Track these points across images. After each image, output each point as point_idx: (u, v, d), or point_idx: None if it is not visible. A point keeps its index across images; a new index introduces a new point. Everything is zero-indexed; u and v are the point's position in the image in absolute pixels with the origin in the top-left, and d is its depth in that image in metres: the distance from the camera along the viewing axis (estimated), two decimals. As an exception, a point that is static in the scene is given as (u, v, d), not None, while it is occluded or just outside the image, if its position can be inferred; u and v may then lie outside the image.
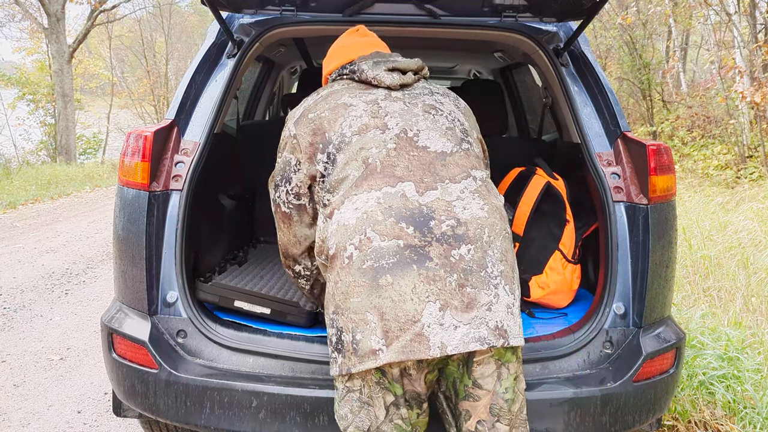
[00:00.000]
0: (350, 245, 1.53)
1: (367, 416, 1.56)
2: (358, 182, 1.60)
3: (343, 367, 1.53)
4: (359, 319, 1.49)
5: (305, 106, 1.81)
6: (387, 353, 1.45)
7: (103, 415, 3.09)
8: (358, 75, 1.81)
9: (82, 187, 11.78)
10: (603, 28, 14.27)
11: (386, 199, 1.55)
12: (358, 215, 1.55)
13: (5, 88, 18.61)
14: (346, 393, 1.58)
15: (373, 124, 1.67)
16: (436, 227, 1.52)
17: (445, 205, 1.55)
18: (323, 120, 1.72)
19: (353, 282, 1.50)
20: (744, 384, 2.97)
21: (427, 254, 1.49)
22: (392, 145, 1.63)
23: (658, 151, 2.16)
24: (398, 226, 1.51)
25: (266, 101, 4.93)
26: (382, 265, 1.48)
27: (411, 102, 1.74)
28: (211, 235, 2.81)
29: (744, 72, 9.39)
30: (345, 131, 1.67)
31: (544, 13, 2.55)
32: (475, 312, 1.48)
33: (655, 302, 2.17)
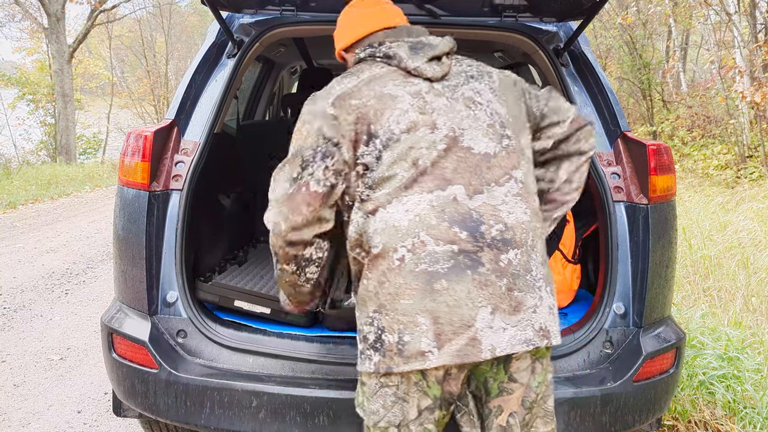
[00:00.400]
0: (402, 247, 1.51)
1: (401, 411, 1.57)
2: (408, 183, 1.55)
3: (382, 365, 1.53)
4: (408, 321, 1.49)
5: (344, 89, 1.66)
6: (439, 356, 1.48)
7: (103, 415, 3.09)
8: (396, 63, 1.68)
9: (82, 187, 11.78)
10: (603, 28, 14.27)
11: (439, 203, 1.53)
12: (410, 217, 1.52)
13: (5, 88, 18.61)
14: (379, 388, 1.58)
15: (422, 121, 1.60)
16: (486, 232, 1.53)
17: (492, 210, 1.56)
18: (369, 110, 1.61)
19: (404, 284, 1.50)
20: (744, 384, 2.97)
21: (479, 259, 1.51)
22: (442, 146, 1.58)
23: (658, 150, 2.16)
24: (452, 231, 1.51)
25: (266, 101, 4.93)
26: (437, 269, 1.49)
27: (452, 97, 1.67)
28: (211, 235, 2.81)
29: (744, 72, 9.39)
30: (393, 127, 1.59)
31: (544, 13, 2.55)
32: (522, 314, 1.53)
33: (655, 302, 2.17)
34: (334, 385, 1.99)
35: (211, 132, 2.30)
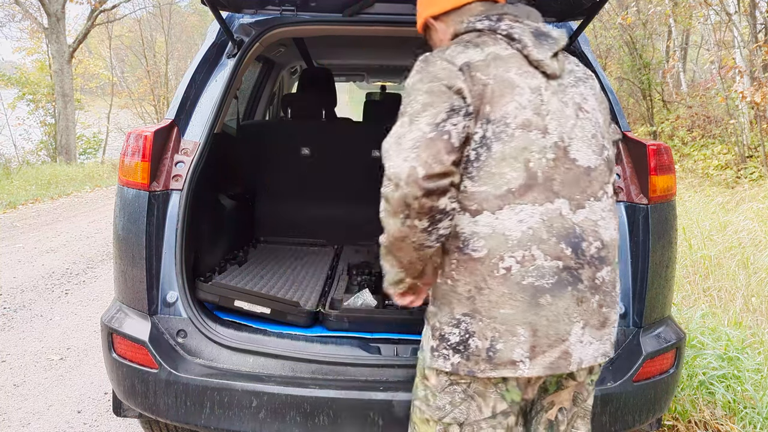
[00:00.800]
0: (510, 257, 1.47)
1: (468, 409, 1.56)
2: (521, 191, 1.47)
3: (462, 367, 1.51)
4: (505, 330, 1.47)
5: (470, 58, 1.52)
6: (531, 366, 1.48)
7: (103, 415, 3.09)
8: (519, 47, 1.56)
9: (82, 187, 11.78)
10: (603, 28, 14.27)
11: (548, 216, 1.49)
12: (523, 229, 1.47)
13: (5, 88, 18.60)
14: (448, 384, 1.57)
15: (535, 123, 1.51)
16: (587, 249, 1.52)
17: (592, 225, 1.54)
18: (488, 89, 1.49)
19: (509, 294, 1.47)
20: (744, 384, 2.97)
21: (579, 276, 1.51)
22: (551, 155, 1.51)
23: (658, 150, 2.16)
24: (559, 247, 1.49)
25: (266, 101, 4.93)
26: (542, 284, 1.47)
27: (563, 99, 1.58)
28: (211, 235, 2.81)
29: (744, 72, 9.38)
30: (508, 119, 1.49)
31: (544, 13, 2.53)
32: (606, 330, 1.57)
33: (655, 302, 2.17)
34: (334, 385, 1.99)
35: (211, 132, 2.30)
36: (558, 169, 1.51)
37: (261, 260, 3.22)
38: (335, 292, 2.66)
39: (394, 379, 2.02)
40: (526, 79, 1.54)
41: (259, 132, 3.92)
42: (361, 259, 3.25)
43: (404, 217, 1.44)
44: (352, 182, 3.72)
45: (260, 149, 3.71)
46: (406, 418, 1.91)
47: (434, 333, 1.56)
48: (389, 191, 1.43)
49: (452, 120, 1.44)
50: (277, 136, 3.79)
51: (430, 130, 1.42)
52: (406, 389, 1.95)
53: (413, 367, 2.06)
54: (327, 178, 3.74)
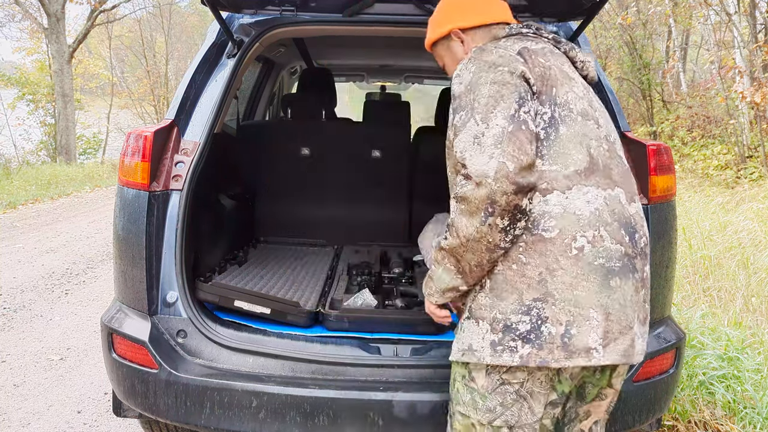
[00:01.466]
0: (581, 237, 1.45)
1: (520, 410, 1.51)
2: (586, 173, 1.49)
3: (533, 358, 1.42)
4: (579, 314, 1.43)
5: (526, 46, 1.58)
6: (604, 354, 1.44)
7: (103, 415, 3.09)
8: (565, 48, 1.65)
9: (82, 187, 11.78)
10: (603, 28, 14.27)
11: (611, 202, 1.51)
12: (591, 209, 1.47)
13: (5, 88, 18.59)
14: (499, 384, 1.50)
15: (590, 114, 1.57)
16: (639, 240, 1.54)
17: (641, 220, 1.57)
18: (553, 73, 1.55)
19: (581, 275, 1.44)
20: (744, 384, 2.97)
21: (635, 265, 1.51)
22: (606, 147, 1.56)
23: (658, 151, 2.16)
24: (620, 233, 1.49)
25: (266, 101, 4.93)
26: (612, 266, 1.46)
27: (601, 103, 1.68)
28: (211, 235, 2.81)
29: (744, 72, 9.38)
30: (571, 105, 1.54)
31: (544, 13, 2.55)
32: (646, 326, 1.57)
33: (655, 302, 2.16)
34: (334, 385, 1.99)
35: (211, 132, 2.30)
36: (613, 160, 1.56)
37: (261, 260, 3.22)
38: (335, 292, 2.66)
39: (394, 379, 2.02)
40: (576, 75, 1.64)
41: (259, 132, 3.92)
42: (361, 259, 3.25)
43: (486, 216, 1.43)
44: (352, 182, 3.72)
45: (260, 149, 3.71)
46: (405, 418, 1.91)
47: (495, 326, 1.47)
48: (469, 190, 1.42)
49: (524, 108, 1.47)
50: (277, 136, 3.79)
51: (508, 124, 1.44)
52: (406, 389, 1.95)
53: (413, 367, 2.06)
54: (327, 178, 3.74)
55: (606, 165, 1.53)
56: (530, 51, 1.58)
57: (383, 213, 3.77)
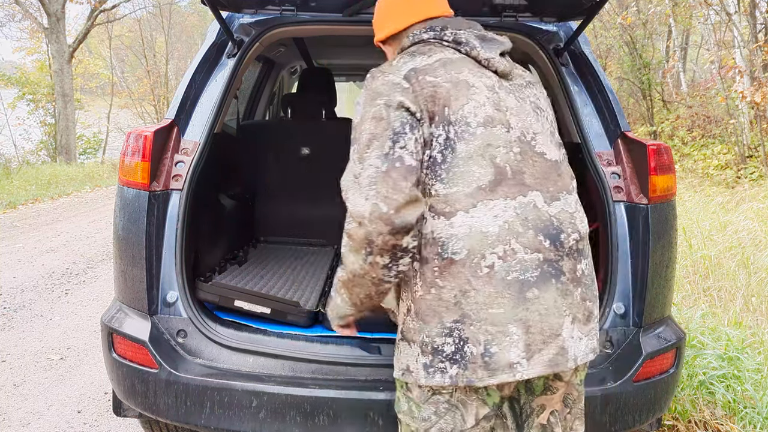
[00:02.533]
0: (491, 254, 1.44)
1: (453, 419, 1.53)
2: (491, 186, 1.47)
3: (461, 378, 1.45)
4: (498, 332, 1.43)
5: (417, 65, 1.55)
6: (528, 367, 1.44)
7: (103, 415, 3.09)
8: (466, 49, 1.59)
9: (82, 187, 11.78)
10: (603, 27, 14.27)
11: (522, 210, 1.48)
12: (499, 224, 1.45)
13: (5, 88, 18.59)
14: (431, 395, 1.54)
15: (498, 118, 1.52)
16: (565, 240, 1.51)
17: (569, 217, 1.54)
18: (443, 90, 1.50)
19: (495, 293, 1.44)
20: (744, 384, 2.97)
21: (560, 268, 1.49)
22: (517, 149, 1.52)
23: (658, 150, 2.16)
24: (537, 239, 1.47)
25: (266, 101, 4.93)
26: (527, 278, 1.45)
27: (520, 97, 1.61)
28: (211, 235, 2.81)
29: (744, 72, 9.38)
30: (469, 118, 1.50)
31: (544, 13, 2.55)
32: (592, 324, 1.56)
33: (655, 302, 2.17)
34: (334, 385, 1.99)
35: (211, 132, 2.30)
36: (526, 162, 1.52)
37: (261, 260, 3.22)
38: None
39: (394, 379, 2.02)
40: (481, 78, 1.56)
41: (259, 132, 3.92)
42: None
43: (366, 254, 1.45)
44: None
45: (260, 149, 3.71)
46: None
47: (424, 349, 1.49)
48: (352, 228, 1.45)
49: (399, 143, 1.46)
50: (277, 136, 3.79)
51: (381, 163, 1.44)
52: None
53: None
54: (327, 178, 3.73)
55: (517, 170, 1.50)
56: (418, 71, 1.53)
57: None
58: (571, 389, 1.63)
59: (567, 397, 1.63)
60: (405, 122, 1.48)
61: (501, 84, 1.59)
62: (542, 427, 1.64)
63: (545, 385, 1.61)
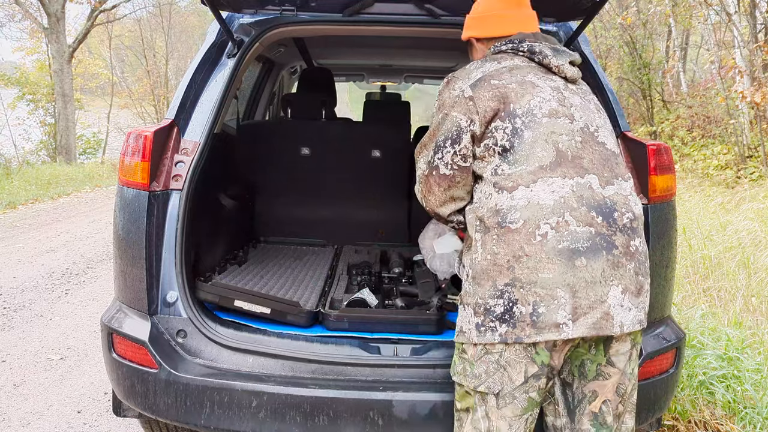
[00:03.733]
0: (545, 224, 1.60)
1: (500, 379, 1.64)
2: (552, 166, 1.65)
3: (510, 335, 1.59)
4: (546, 294, 1.57)
5: (484, 72, 1.80)
6: (574, 328, 1.57)
7: (103, 415, 3.09)
8: (539, 58, 1.83)
9: (82, 187, 11.78)
10: (603, 28, 14.26)
11: (578, 189, 1.64)
12: (555, 198, 1.62)
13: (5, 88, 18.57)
14: (484, 354, 1.66)
15: (561, 111, 1.73)
16: (618, 218, 1.65)
17: (623, 199, 1.68)
18: (510, 90, 1.74)
19: (546, 258, 1.58)
20: (744, 384, 2.97)
21: (613, 242, 1.62)
22: (579, 138, 1.71)
23: (658, 150, 2.16)
24: (590, 215, 1.62)
25: (266, 101, 4.93)
26: (577, 247, 1.59)
27: (585, 98, 1.83)
28: (211, 234, 2.81)
29: (744, 72, 9.38)
30: (534, 110, 1.71)
31: (544, 13, 2.55)
32: (642, 297, 1.67)
33: (655, 302, 2.16)
34: (334, 385, 1.99)
35: (211, 132, 2.30)
36: (586, 149, 1.71)
37: (261, 260, 3.22)
38: (335, 292, 2.66)
39: (394, 379, 2.02)
40: (546, 81, 1.78)
41: (259, 132, 3.92)
42: (361, 259, 3.25)
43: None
44: (352, 182, 3.71)
45: (260, 149, 3.71)
46: (405, 418, 1.91)
47: (477, 310, 1.65)
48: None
49: (438, 154, 1.80)
50: (277, 135, 3.79)
51: (426, 167, 1.85)
52: (406, 389, 1.95)
53: (413, 367, 2.06)
54: (327, 178, 3.74)
55: (576, 155, 1.69)
56: (485, 77, 1.78)
57: (383, 213, 3.77)
58: (624, 379, 1.71)
59: (620, 386, 1.71)
60: (448, 137, 1.78)
61: (567, 86, 1.82)
62: (594, 415, 1.71)
63: (598, 370, 1.69)
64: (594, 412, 1.70)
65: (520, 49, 1.84)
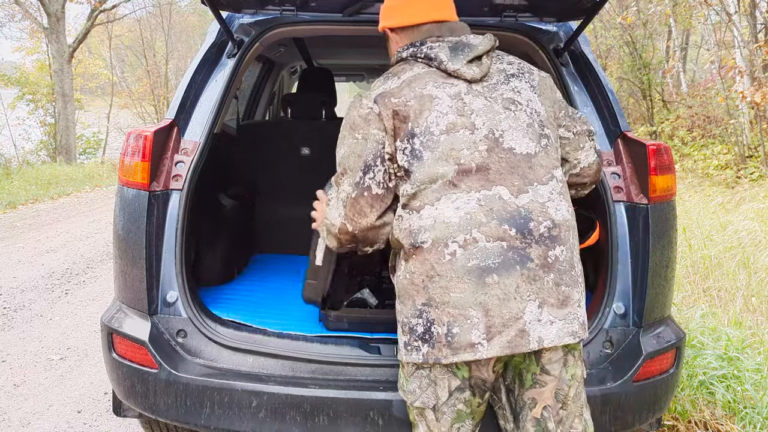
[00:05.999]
0: (453, 242, 1.57)
1: (433, 394, 1.67)
2: (454, 181, 1.61)
3: (430, 356, 1.59)
4: (459, 314, 1.55)
5: (385, 89, 1.73)
6: (488, 348, 1.55)
7: (103, 415, 3.09)
8: (437, 64, 1.74)
9: (82, 187, 11.78)
10: (603, 28, 14.26)
11: (486, 202, 1.60)
12: (460, 215, 1.58)
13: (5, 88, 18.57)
14: (415, 370, 1.68)
15: (461, 123, 1.66)
16: (535, 229, 1.59)
17: (539, 207, 1.62)
18: (408, 108, 1.68)
19: (456, 278, 1.56)
20: (744, 384, 2.97)
21: (528, 255, 1.58)
22: (483, 147, 1.64)
23: (658, 150, 2.16)
24: (501, 228, 1.57)
25: (266, 101, 4.93)
26: (488, 264, 1.56)
27: (491, 96, 1.71)
28: (211, 234, 2.81)
29: (744, 72, 9.37)
30: (432, 128, 1.65)
31: (544, 13, 2.55)
32: (569, 309, 1.61)
33: (655, 302, 2.17)
34: (334, 385, 1.99)
35: (211, 132, 2.30)
36: (492, 159, 1.64)
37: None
38: (335, 292, 2.66)
39: (394, 379, 2.02)
40: (445, 90, 1.70)
41: (259, 132, 3.92)
42: (361, 259, 3.25)
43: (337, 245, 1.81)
44: None
45: (260, 149, 3.71)
46: (405, 418, 1.91)
47: (404, 328, 1.66)
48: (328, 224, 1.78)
49: (369, 174, 1.69)
50: (277, 135, 3.79)
51: (353, 190, 1.71)
52: (406, 389, 1.95)
53: None
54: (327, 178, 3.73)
55: (482, 166, 1.62)
56: (385, 95, 1.71)
57: None
58: (562, 384, 1.68)
59: (558, 392, 1.68)
60: (377, 155, 1.69)
61: (470, 89, 1.71)
62: (536, 420, 1.70)
63: (534, 378, 1.68)
64: (536, 417, 1.70)
65: (419, 56, 1.76)
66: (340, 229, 1.73)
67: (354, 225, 1.71)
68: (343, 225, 1.72)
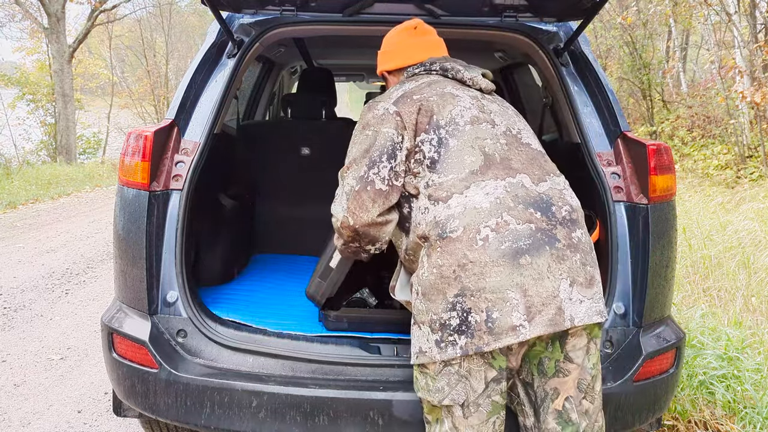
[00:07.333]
0: (485, 227, 1.60)
1: (464, 389, 1.63)
2: (482, 170, 1.68)
3: (470, 347, 1.57)
4: (497, 298, 1.56)
5: (405, 90, 1.84)
6: (531, 328, 1.55)
7: (103, 415, 3.09)
8: (452, 74, 1.89)
9: (82, 187, 11.78)
10: (603, 28, 14.26)
11: (512, 188, 1.66)
12: (491, 200, 1.63)
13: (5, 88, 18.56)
14: (443, 367, 1.64)
15: (482, 117, 1.78)
16: (557, 212, 1.66)
17: (558, 193, 1.71)
18: (431, 103, 1.77)
19: (491, 262, 1.57)
20: (744, 384, 2.97)
21: (555, 236, 1.62)
22: (503, 141, 1.75)
23: (658, 150, 2.16)
24: (528, 212, 1.63)
25: (266, 101, 4.93)
26: (520, 246, 1.59)
27: (503, 105, 1.89)
28: (211, 235, 2.81)
29: (744, 72, 9.37)
30: (456, 119, 1.75)
31: (544, 13, 2.55)
32: (595, 288, 1.66)
33: (655, 302, 2.17)
34: (334, 384, 1.99)
35: (211, 132, 2.30)
36: (512, 151, 1.75)
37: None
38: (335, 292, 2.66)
39: (394, 379, 2.03)
40: (464, 92, 1.85)
41: (259, 132, 3.92)
42: (361, 259, 3.24)
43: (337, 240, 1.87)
44: None
45: (260, 149, 3.71)
46: (405, 418, 1.91)
47: (433, 326, 1.63)
48: (333, 219, 1.80)
49: (374, 169, 1.73)
50: (277, 136, 3.79)
51: (356, 183, 1.74)
52: (406, 389, 1.95)
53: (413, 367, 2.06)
54: (327, 178, 3.73)
55: (504, 157, 1.72)
56: (406, 94, 1.81)
57: None
58: (584, 374, 1.69)
59: (581, 382, 1.69)
60: (383, 152, 1.73)
61: (484, 96, 1.89)
62: (558, 413, 1.69)
63: (557, 367, 1.68)
64: (558, 410, 1.69)
65: (433, 69, 1.92)
66: (342, 223, 1.75)
67: (355, 219, 1.73)
68: (345, 218, 1.74)
